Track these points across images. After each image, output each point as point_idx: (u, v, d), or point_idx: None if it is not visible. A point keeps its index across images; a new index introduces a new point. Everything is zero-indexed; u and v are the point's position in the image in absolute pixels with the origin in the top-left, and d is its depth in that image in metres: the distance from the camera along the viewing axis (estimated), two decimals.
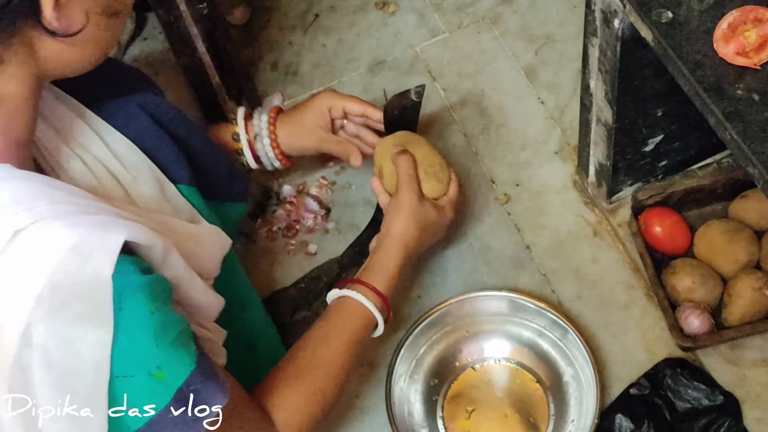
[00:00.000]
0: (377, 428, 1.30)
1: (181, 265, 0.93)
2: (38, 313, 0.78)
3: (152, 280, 0.86)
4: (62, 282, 0.79)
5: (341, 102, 1.34)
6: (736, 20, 0.94)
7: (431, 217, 1.27)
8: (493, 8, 1.69)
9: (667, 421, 1.24)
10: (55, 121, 1.01)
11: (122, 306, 0.82)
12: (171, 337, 0.86)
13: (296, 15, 1.73)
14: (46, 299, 0.78)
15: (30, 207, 0.81)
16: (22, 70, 0.85)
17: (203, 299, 1.00)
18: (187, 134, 1.16)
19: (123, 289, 0.82)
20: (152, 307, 0.84)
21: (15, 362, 0.79)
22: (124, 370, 0.82)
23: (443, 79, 1.62)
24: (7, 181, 0.83)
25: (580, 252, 1.41)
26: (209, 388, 0.89)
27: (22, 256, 0.79)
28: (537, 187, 1.48)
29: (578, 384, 1.27)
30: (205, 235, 1.06)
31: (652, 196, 1.37)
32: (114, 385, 0.82)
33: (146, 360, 0.84)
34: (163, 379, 0.85)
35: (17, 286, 0.79)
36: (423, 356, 1.32)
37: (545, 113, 1.56)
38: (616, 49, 1.11)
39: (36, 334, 0.79)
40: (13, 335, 0.78)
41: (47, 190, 0.84)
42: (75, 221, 0.82)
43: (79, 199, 0.86)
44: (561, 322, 1.29)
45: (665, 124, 1.29)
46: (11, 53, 0.84)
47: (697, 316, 1.27)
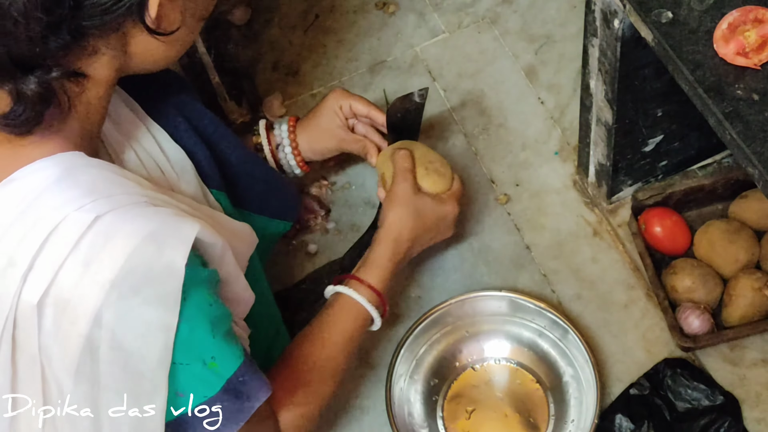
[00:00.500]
0: (377, 428, 1.30)
1: (233, 261, 0.96)
2: (111, 297, 0.81)
3: (212, 273, 0.90)
4: (137, 268, 0.82)
5: (349, 101, 1.35)
6: (736, 20, 0.94)
7: (429, 209, 1.25)
8: (493, 8, 1.69)
9: (667, 421, 1.24)
10: (114, 114, 1.05)
11: (187, 296, 0.85)
12: (224, 329, 0.90)
13: (296, 15, 1.73)
14: (119, 284, 0.81)
15: (108, 195, 0.84)
16: (111, 64, 0.89)
17: (243, 295, 1.03)
18: (219, 140, 1.18)
19: (189, 279, 0.85)
20: (211, 299, 0.88)
21: (86, 342, 0.81)
22: (182, 357, 0.86)
23: (443, 79, 1.62)
24: (82, 168, 0.86)
25: (580, 252, 1.41)
26: (255, 381, 0.93)
27: (100, 242, 0.82)
28: (537, 187, 1.48)
29: (578, 384, 1.27)
30: (242, 230, 1.08)
31: (652, 196, 1.37)
32: (171, 371, 0.86)
33: (203, 349, 0.87)
34: (216, 369, 0.89)
35: (94, 270, 0.81)
36: (423, 356, 1.32)
37: (545, 113, 1.56)
38: (616, 49, 1.11)
39: (107, 316, 0.81)
40: (86, 316, 0.81)
41: (120, 179, 0.88)
42: (150, 211, 0.85)
43: (148, 192, 0.90)
44: (561, 322, 1.29)
45: (665, 124, 1.29)
46: (107, 46, 0.87)
47: (697, 316, 1.27)
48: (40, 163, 0.84)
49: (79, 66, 0.86)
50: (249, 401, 0.92)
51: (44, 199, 0.83)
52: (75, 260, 0.81)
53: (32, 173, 0.84)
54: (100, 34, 0.85)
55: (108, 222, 0.82)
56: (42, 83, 0.82)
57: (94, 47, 0.86)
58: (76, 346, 0.81)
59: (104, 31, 0.85)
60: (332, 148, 1.38)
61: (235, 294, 1.00)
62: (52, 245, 0.81)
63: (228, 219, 1.07)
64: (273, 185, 1.29)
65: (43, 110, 0.83)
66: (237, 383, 0.91)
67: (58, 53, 0.83)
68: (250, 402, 0.92)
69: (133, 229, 0.83)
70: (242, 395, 0.92)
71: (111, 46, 0.87)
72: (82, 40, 0.84)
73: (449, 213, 1.28)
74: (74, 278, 0.81)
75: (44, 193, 0.83)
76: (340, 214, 1.49)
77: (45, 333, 0.82)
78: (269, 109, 1.61)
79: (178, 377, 0.87)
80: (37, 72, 0.82)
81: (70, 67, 0.85)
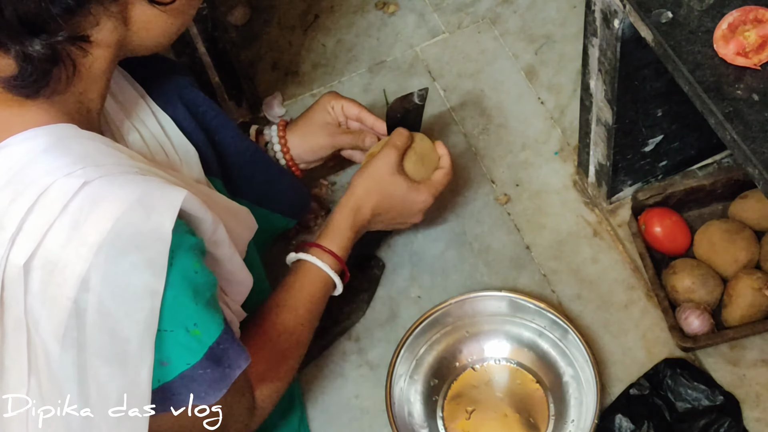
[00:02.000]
0: (377, 428, 1.30)
1: (226, 239, 0.96)
2: (98, 260, 0.81)
3: (199, 242, 0.90)
4: (124, 231, 0.82)
5: (341, 102, 1.36)
6: (736, 20, 0.94)
7: (399, 192, 1.25)
8: (493, 8, 1.69)
9: (667, 421, 1.24)
10: (120, 96, 1.06)
11: (174, 262, 0.85)
12: (207, 297, 0.90)
13: (296, 15, 1.73)
14: (106, 247, 0.81)
15: (98, 164, 0.85)
16: (112, 35, 0.90)
17: (239, 275, 1.03)
18: (217, 128, 1.20)
19: (177, 245, 0.85)
20: (197, 266, 0.88)
21: (73, 306, 0.81)
22: (167, 324, 0.86)
23: (443, 79, 1.62)
24: (76, 138, 0.87)
25: (580, 252, 1.41)
26: (235, 349, 0.93)
27: (87, 206, 0.82)
28: (537, 188, 1.48)
29: (578, 384, 1.27)
30: (240, 212, 1.09)
31: (652, 196, 1.37)
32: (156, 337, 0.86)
33: (186, 316, 0.88)
34: (199, 336, 0.89)
35: (82, 234, 0.82)
36: (423, 356, 1.32)
37: (545, 113, 1.56)
38: (616, 49, 1.11)
39: (94, 279, 0.82)
40: (73, 279, 0.81)
41: (112, 151, 0.89)
42: (138, 179, 0.86)
43: (139, 164, 0.91)
44: (561, 323, 1.29)
45: (665, 124, 1.29)
46: (108, 16, 0.88)
47: (697, 316, 1.27)
48: (33, 132, 0.85)
49: (84, 32, 0.88)
50: (230, 369, 0.93)
51: (35, 165, 0.83)
52: (63, 223, 0.82)
53: (24, 141, 0.85)
54: (102, 1, 0.87)
55: (96, 187, 0.83)
56: (48, 46, 0.84)
57: (95, 15, 0.87)
58: (63, 309, 0.82)
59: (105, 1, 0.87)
60: (325, 145, 1.37)
61: (229, 273, 1.00)
62: (40, 209, 0.82)
63: (225, 199, 1.08)
64: (275, 179, 1.30)
65: (50, 70, 0.85)
66: (218, 351, 0.91)
67: (62, 17, 0.84)
68: (231, 370, 0.93)
69: (121, 194, 0.83)
70: (223, 363, 0.92)
71: (112, 15, 0.89)
72: (85, 6, 0.86)
73: (419, 202, 1.28)
74: (62, 241, 0.81)
75: (35, 160, 0.84)
76: None
77: (32, 295, 0.82)
78: (269, 109, 1.61)
79: (163, 344, 0.87)
80: (42, 35, 0.83)
81: (74, 32, 0.86)
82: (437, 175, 1.30)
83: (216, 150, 1.19)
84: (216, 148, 1.19)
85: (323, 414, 1.32)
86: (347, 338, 1.37)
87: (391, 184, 1.24)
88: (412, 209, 1.28)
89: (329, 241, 1.21)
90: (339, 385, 1.34)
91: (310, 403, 1.32)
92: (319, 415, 1.32)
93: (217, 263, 0.97)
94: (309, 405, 1.32)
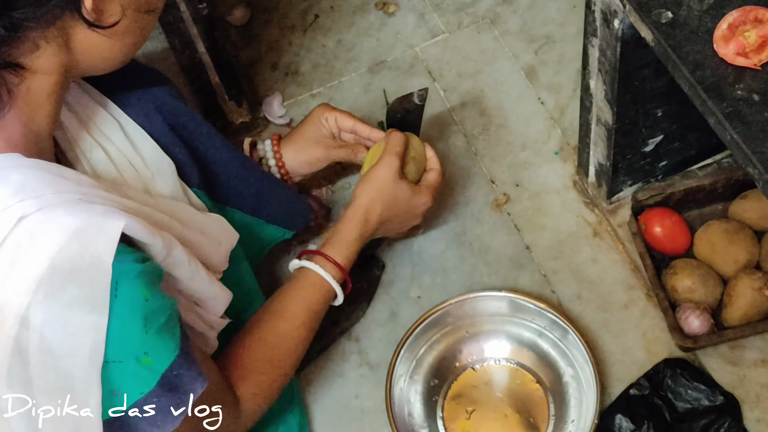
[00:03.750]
0: (377, 428, 1.30)
1: (185, 259, 0.95)
2: (37, 297, 0.80)
3: (149, 267, 0.88)
4: (62, 267, 0.81)
5: (334, 114, 1.36)
6: (736, 20, 0.94)
7: (403, 198, 1.25)
8: (493, 8, 1.69)
9: (667, 421, 1.24)
10: (79, 110, 1.04)
11: (118, 293, 0.83)
12: (159, 323, 0.88)
13: (296, 15, 1.73)
14: (45, 283, 0.80)
15: (37, 195, 0.83)
16: (54, 60, 0.88)
17: (207, 292, 1.01)
18: (198, 138, 1.18)
19: (120, 275, 0.83)
20: (147, 294, 0.86)
21: (14, 344, 0.80)
22: (115, 355, 0.84)
23: (443, 79, 1.62)
24: (17, 168, 0.85)
25: (580, 252, 1.41)
26: (190, 374, 0.91)
27: (25, 241, 0.81)
28: (537, 188, 1.48)
29: (578, 384, 1.27)
30: (211, 225, 1.07)
31: (652, 196, 1.37)
32: (104, 369, 0.84)
33: (135, 346, 0.86)
34: (150, 365, 0.87)
35: (19, 270, 0.80)
36: (423, 356, 1.32)
37: (545, 113, 1.56)
38: (616, 49, 1.11)
39: (34, 317, 0.80)
40: (13, 318, 0.80)
41: (54, 179, 0.86)
42: (78, 209, 0.84)
43: (85, 189, 0.88)
44: (561, 323, 1.29)
45: (665, 124, 1.29)
46: (47, 41, 0.86)
47: (697, 316, 1.27)
48: None
49: (18, 58, 0.85)
50: (185, 394, 0.91)
51: None
52: (0, 261, 0.80)
53: None
54: (37, 27, 0.84)
55: (34, 222, 0.81)
56: None
57: (33, 41, 0.85)
58: (4, 348, 0.80)
59: (41, 23, 0.84)
60: (320, 157, 1.37)
61: (194, 291, 0.99)
62: None
63: (195, 213, 1.06)
64: (269, 190, 1.29)
65: None
66: (172, 377, 0.89)
67: None
68: (186, 395, 0.91)
69: (58, 226, 0.81)
70: (179, 389, 0.90)
71: (51, 40, 0.86)
72: (18, 32, 0.83)
73: (422, 205, 1.28)
74: (0, 279, 0.80)
75: None
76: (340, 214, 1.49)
77: None
78: (269, 109, 1.61)
79: (112, 375, 0.85)
80: None
81: (7, 59, 0.84)
82: (431, 176, 1.30)
83: (199, 161, 1.17)
84: (199, 159, 1.17)
85: (323, 414, 1.32)
86: (347, 338, 1.37)
87: (395, 191, 1.24)
88: (416, 212, 1.29)
89: (334, 251, 1.20)
90: (339, 385, 1.34)
91: (310, 403, 1.32)
92: (319, 415, 1.32)
93: (178, 283, 0.96)
94: (309, 405, 1.32)
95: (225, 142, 1.23)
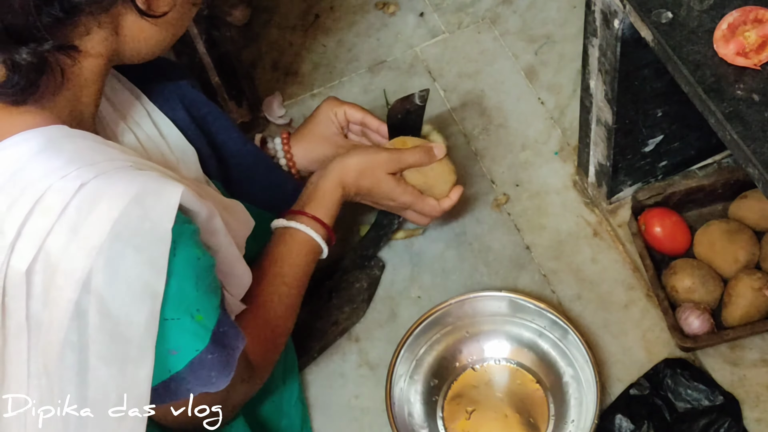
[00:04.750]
0: (377, 428, 1.30)
1: (222, 229, 0.97)
2: (99, 261, 0.82)
3: (198, 228, 0.91)
4: (123, 232, 0.83)
5: (342, 107, 1.36)
6: (736, 21, 0.94)
7: (386, 189, 1.25)
8: (493, 8, 1.69)
9: (666, 421, 1.24)
10: (115, 98, 1.07)
11: (176, 252, 0.86)
12: (208, 281, 0.91)
13: (296, 15, 1.73)
14: (107, 248, 0.82)
15: (92, 162, 0.85)
16: (103, 44, 0.91)
17: (236, 267, 1.03)
18: (218, 131, 1.20)
19: (178, 236, 0.86)
20: (199, 252, 0.89)
21: (75, 308, 0.82)
22: (172, 312, 0.87)
23: (443, 79, 1.62)
24: (68, 138, 0.88)
25: (580, 252, 1.41)
26: (233, 330, 0.95)
27: (86, 207, 0.83)
28: (537, 188, 1.48)
29: (578, 384, 1.27)
30: (235, 208, 1.09)
31: (652, 196, 1.37)
32: (163, 327, 0.86)
33: (189, 303, 0.89)
34: (202, 322, 0.90)
35: (82, 236, 0.82)
36: (423, 356, 1.32)
37: (545, 113, 1.56)
38: (616, 49, 1.11)
39: (95, 281, 0.82)
40: (75, 282, 0.82)
41: (103, 148, 0.89)
42: (133, 175, 0.86)
43: (133, 157, 0.91)
44: (561, 323, 1.29)
45: (665, 124, 1.29)
46: (99, 26, 0.89)
47: (697, 316, 1.27)
48: (24, 135, 0.86)
49: (73, 41, 0.88)
50: (233, 350, 0.94)
51: (28, 169, 0.84)
52: (62, 227, 0.82)
53: (15, 145, 0.85)
54: (92, 12, 0.87)
55: (93, 188, 0.83)
56: (35, 54, 0.84)
57: (86, 25, 0.88)
58: (64, 311, 0.82)
59: (96, 9, 0.88)
60: (330, 155, 1.36)
61: (225, 264, 1.01)
62: (38, 213, 0.82)
63: (220, 195, 1.08)
64: (279, 184, 1.30)
65: (37, 79, 0.85)
66: (220, 334, 0.92)
67: (51, 28, 0.85)
68: (234, 351, 0.94)
69: (117, 192, 0.83)
70: (226, 346, 0.93)
71: (103, 25, 0.90)
72: (74, 16, 0.86)
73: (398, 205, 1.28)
74: (62, 244, 0.82)
75: (28, 164, 0.84)
76: (340, 214, 1.48)
77: (34, 299, 0.83)
78: (269, 110, 1.61)
79: (169, 333, 0.87)
80: (30, 44, 0.84)
81: (63, 41, 0.87)
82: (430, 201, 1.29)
83: (217, 153, 1.19)
84: (217, 151, 1.19)
85: (323, 414, 1.32)
86: (347, 338, 1.37)
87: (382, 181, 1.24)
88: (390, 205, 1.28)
89: (317, 209, 1.21)
90: (339, 385, 1.34)
91: (310, 403, 1.32)
92: (319, 415, 1.32)
93: (213, 253, 0.98)
94: (309, 405, 1.32)
95: (241, 135, 1.25)
